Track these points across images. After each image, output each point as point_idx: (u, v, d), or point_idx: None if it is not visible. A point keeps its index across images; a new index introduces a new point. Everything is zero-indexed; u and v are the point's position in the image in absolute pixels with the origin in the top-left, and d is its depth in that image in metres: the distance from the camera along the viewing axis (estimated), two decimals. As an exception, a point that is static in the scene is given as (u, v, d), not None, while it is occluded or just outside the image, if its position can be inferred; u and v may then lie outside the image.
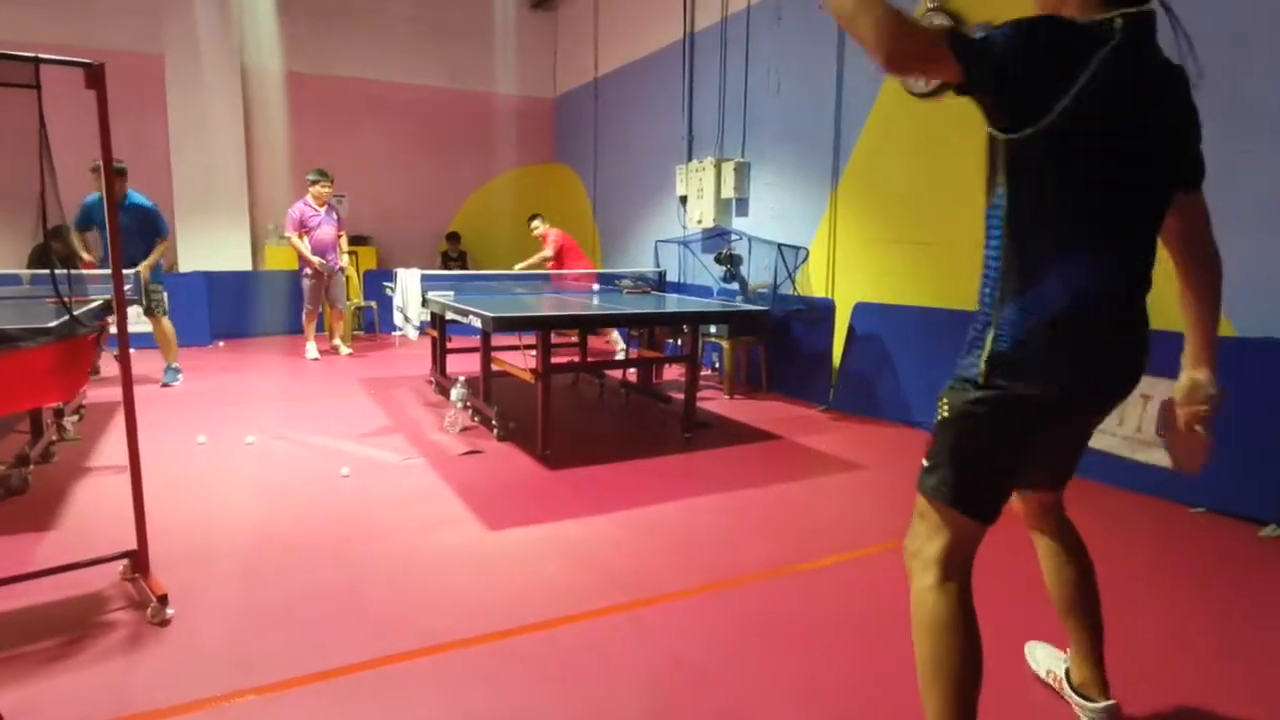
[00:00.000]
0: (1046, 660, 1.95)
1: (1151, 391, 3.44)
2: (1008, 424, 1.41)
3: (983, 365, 1.40)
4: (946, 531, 1.45)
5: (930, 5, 5.79)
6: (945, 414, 1.46)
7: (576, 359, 5.82)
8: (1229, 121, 3.38)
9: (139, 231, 5.30)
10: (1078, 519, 1.74)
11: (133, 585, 2.43)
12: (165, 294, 5.62)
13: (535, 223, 7.51)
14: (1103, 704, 1.72)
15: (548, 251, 7.24)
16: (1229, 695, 1.94)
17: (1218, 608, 2.44)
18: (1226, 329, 3.39)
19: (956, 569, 1.46)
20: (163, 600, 2.23)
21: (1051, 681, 1.90)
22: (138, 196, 5.37)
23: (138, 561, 2.39)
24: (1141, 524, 3.14)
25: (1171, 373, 1.56)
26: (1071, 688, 1.79)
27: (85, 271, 4.47)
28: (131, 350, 2.40)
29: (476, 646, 2.12)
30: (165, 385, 5.55)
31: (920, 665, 1.47)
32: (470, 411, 4.66)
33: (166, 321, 5.56)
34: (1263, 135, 3.28)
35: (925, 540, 1.48)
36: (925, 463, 1.49)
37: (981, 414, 1.40)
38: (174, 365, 5.67)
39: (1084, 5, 1.37)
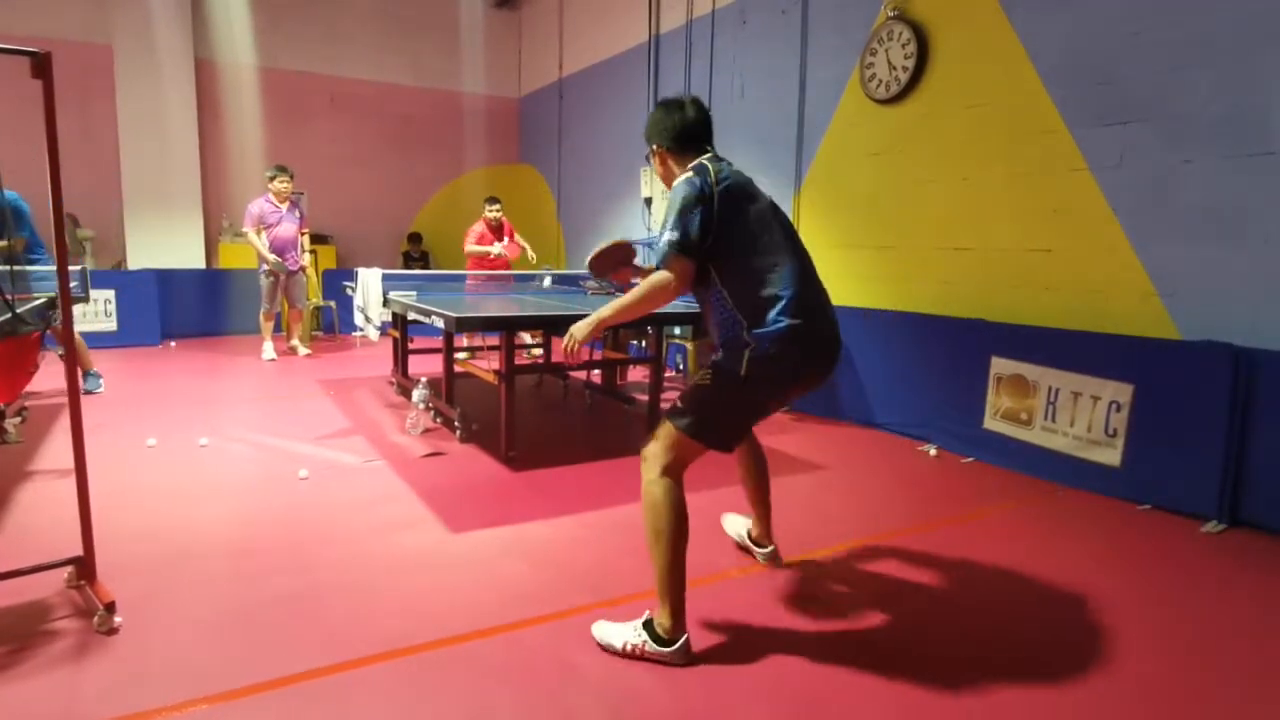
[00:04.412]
0: (735, 526, 2.86)
1: (1101, 393, 3.56)
2: (752, 395, 2.09)
3: (745, 363, 2.02)
4: (676, 451, 2.08)
5: (891, 13, 5.90)
6: (706, 382, 2.09)
7: (540, 360, 5.78)
8: (1171, 133, 3.52)
9: None
10: (1029, 516, 1.80)
11: (79, 593, 2.35)
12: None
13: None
14: (769, 549, 2.69)
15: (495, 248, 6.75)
16: (1173, 671, 2.02)
17: (1164, 595, 2.52)
18: (1170, 332, 3.52)
19: (674, 472, 2.08)
20: (110, 608, 2.16)
21: (738, 539, 2.83)
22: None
23: (84, 568, 2.30)
24: (1091, 520, 3.24)
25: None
26: (751, 541, 2.74)
27: (30, 268, 4.29)
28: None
29: (436, 650, 2.09)
30: (88, 393, 5.14)
31: (648, 531, 2.07)
32: (432, 413, 4.61)
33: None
34: (1202, 146, 3.41)
35: (660, 451, 2.09)
36: (679, 405, 2.10)
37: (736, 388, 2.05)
38: (92, 371, 5.31)
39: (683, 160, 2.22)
